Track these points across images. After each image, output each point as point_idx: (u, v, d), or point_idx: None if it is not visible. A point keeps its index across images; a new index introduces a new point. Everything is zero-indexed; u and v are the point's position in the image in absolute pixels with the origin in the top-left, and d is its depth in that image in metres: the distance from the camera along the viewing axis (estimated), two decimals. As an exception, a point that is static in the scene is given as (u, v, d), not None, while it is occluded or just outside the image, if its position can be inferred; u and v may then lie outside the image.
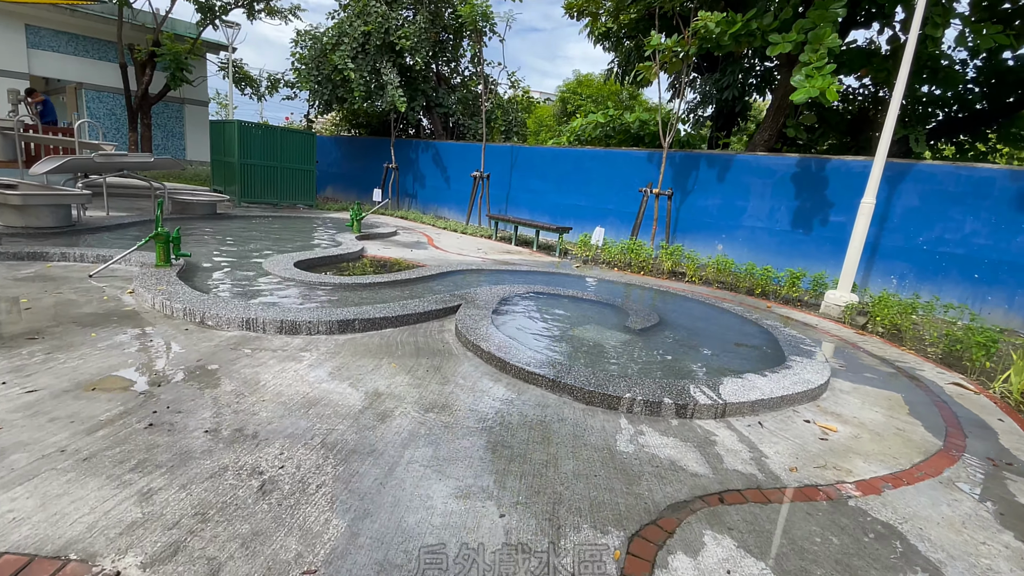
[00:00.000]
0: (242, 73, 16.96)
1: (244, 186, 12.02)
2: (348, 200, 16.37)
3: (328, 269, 6.47)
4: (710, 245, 9.58)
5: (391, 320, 4.37)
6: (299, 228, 9.88)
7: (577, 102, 20.42)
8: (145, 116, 15.15)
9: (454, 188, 14.17)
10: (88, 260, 5.56)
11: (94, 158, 7.49)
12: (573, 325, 4.94)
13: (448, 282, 6.25)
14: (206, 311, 4.01)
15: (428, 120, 16.51)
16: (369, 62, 13.23)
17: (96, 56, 15.90)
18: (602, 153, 11.02)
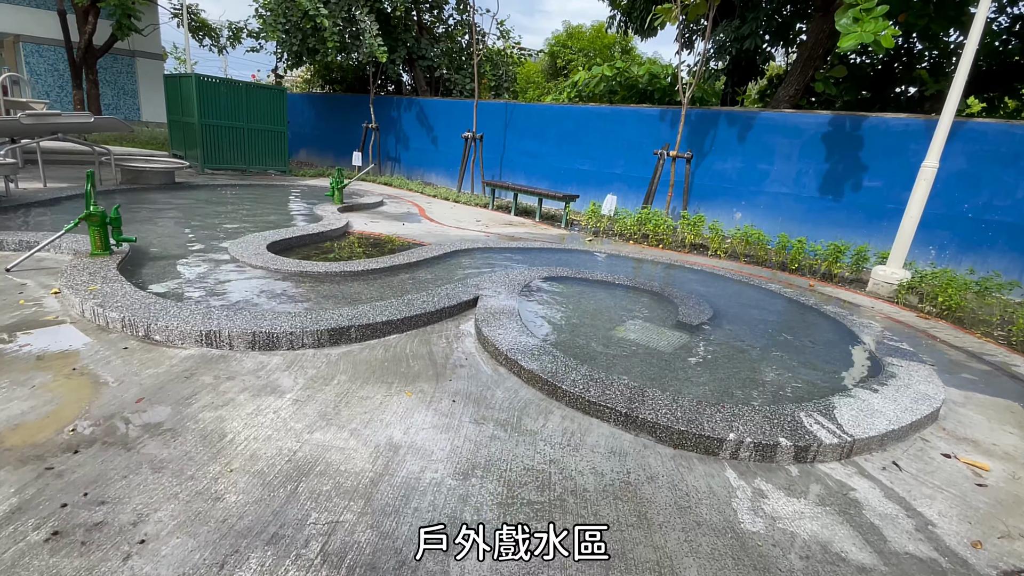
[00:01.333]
0: (199, 21, 15.12)
1: (206, 150, 10.66)
2: (324, 164, 15.03)
3: (309, 251, 5.46)
4: (727, 213, 8.77)
5: (396, 324, 3.46)
6: (271, 199, 8.72)
7: (568, 56, 19.00)
8: (90, 71, 13.39)
9: (442, 151, 12.97)
10: (8, 247, 4.47)
11: (20, 119, 6.20)
12: (614, 322, 4.11)
13: (453, 265, 5.32)
14: (152, 321, 3.04)
15: (410, 75, 15.07)
16: (343, 7, 11.71)
17: (32, 4, 13.87)
18: (608, 111, 9.96)
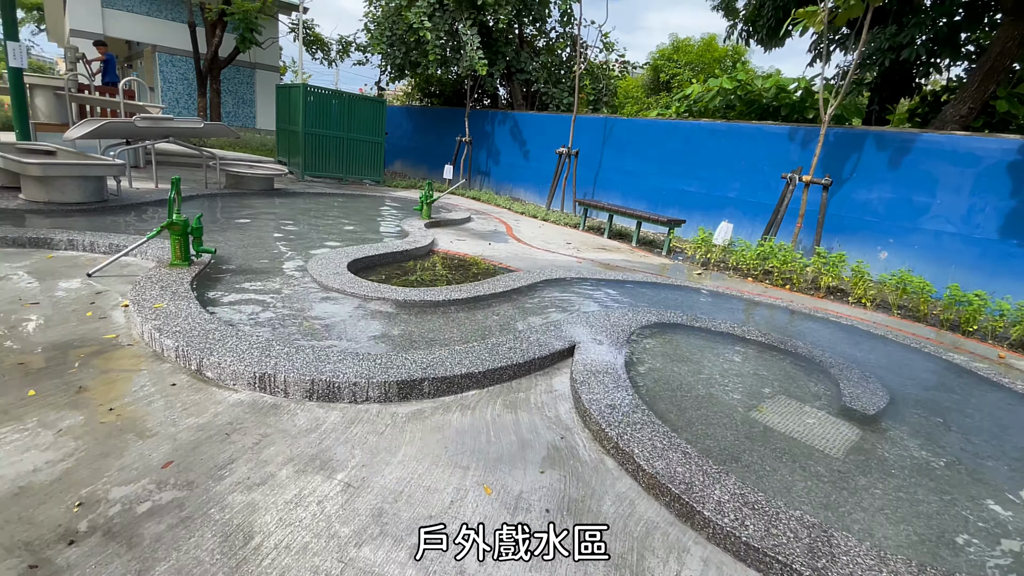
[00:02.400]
0: (313, 35, 15.93)
1: (308, 158, 10.93)
2: (417, 176, 15.11)
3: (391, 271, 5.04)
4: (870, 251, 7.35)
5: (477, 377, 2.83)
6: (362, 209, 8.61)
7: (673, 70, 17.88)
8: (214, 81, 14.47)
9: (533, 166, 12.46)
10: (98, 250, 4.43)
11: (135, 122, 6.44)
12: (753, 398, 3.20)
13: (543, 298, 4.64)
14: (206, 354, 2.64)
15: (506, 89, 14.80)
16: (447, 20, 11.65)
17: (169, 16, 15.37)
18: (724, 128, 8.88)
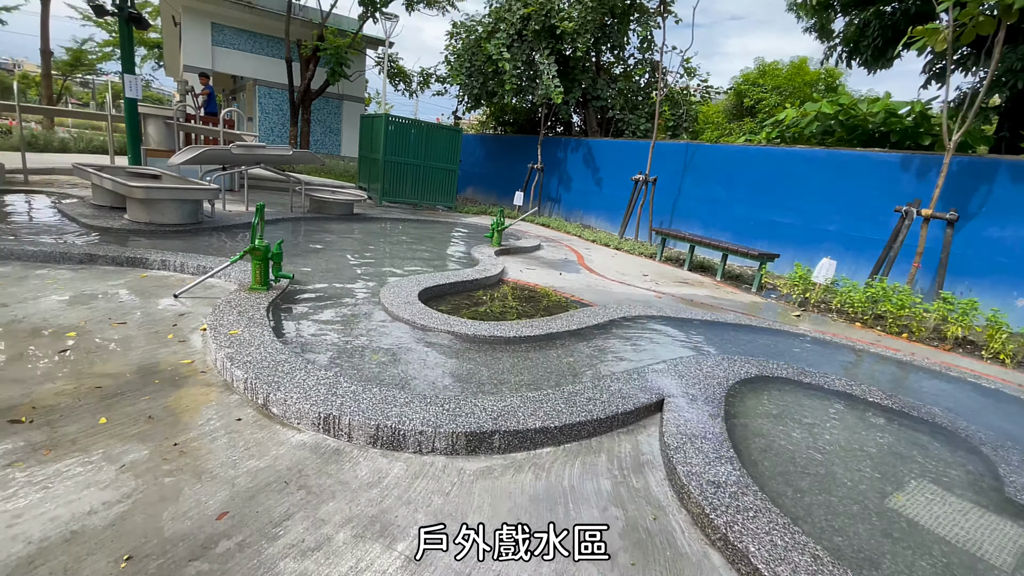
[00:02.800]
0: (396, 68, 16.72)
1: (386, 184, 11.28)
2: (487, 202, 15.22)
3: (461, 300, 4.88)
4: (1004, 298, 6.31)
5: (551, 433, 2.52)
6: (434, 235, 8.65)
7: (758, 95, 17.01)
8: (306, 111, 15.49)
9: (606, 193, 12.13)
10: (187, 270, 4.61)
11: (231, 149, 6.84)
12: (886, 478, 2.65)
13: (622, 337, 4.27)
14: (273, 389, 2.52)
15: (580, 116, 14.69)
16: (525, 50, 11.76)
17: (266, 52, 16.74)
18: (823, 155, 8.13)
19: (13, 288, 3.78)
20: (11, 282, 3.90)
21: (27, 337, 3.04)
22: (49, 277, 4.10)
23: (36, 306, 3.49)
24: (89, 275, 4.25)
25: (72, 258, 4.47)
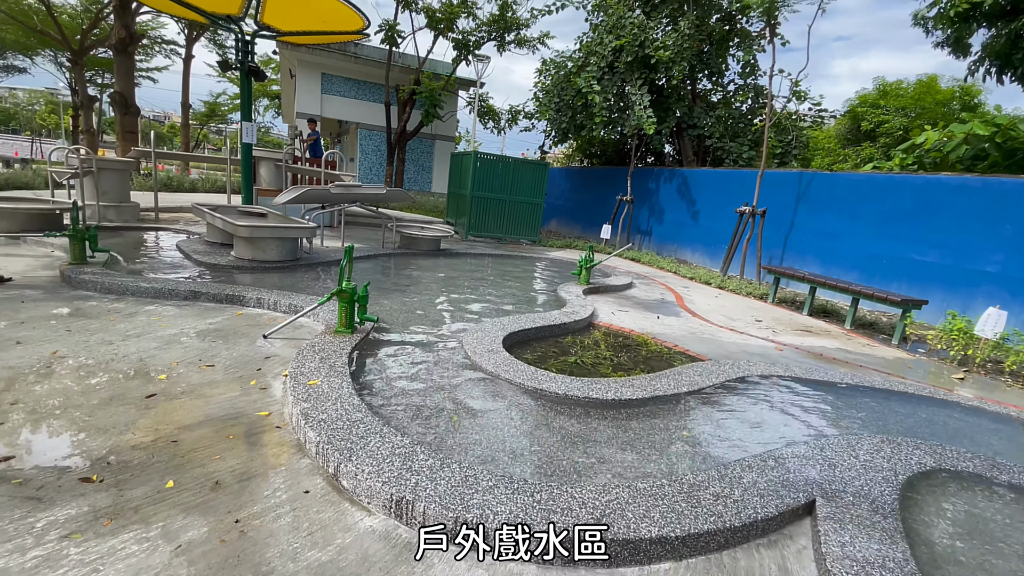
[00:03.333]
0: (486, 107, 17.15)
1: (472, 219, 11.34)
2: (571, 235, 14.86)
3: (548, 348, 4.45)
4: None
5: (671, 544, 1.97)
6: (518, 271, 8.37)
7: (879, 117, 15.29)
8: (401, 151, 16.26)
9: (703, 225, 11.27)
10: (280, 309, 4.62)
11: (330, 189, 7.08)
12: None
13: (744, 406, 3.59)
14: (345, 459, 2.23)
15: (674, 145, 14.01)
16: (616, 82, 11.47)
17: (368, 98, 17.96)
18: (977, 183, 6.85)
19: (122, 324, 3.93)
20: (122, 318, 4.08)
21: (123, 378, 3.05)
22: (156, 313, 4.26)
23: (137, 344, 3.57)
24: (191, 312, 4.38)
25: (178, 295, 4.66)
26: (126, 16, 13.71)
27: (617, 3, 11.73)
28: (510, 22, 15.09)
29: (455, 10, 14.64)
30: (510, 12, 15.22)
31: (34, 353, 3.26)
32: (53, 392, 2.81)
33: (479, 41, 15.41)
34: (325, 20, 8.22)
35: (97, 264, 5.20)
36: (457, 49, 15.43)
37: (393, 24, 14.68)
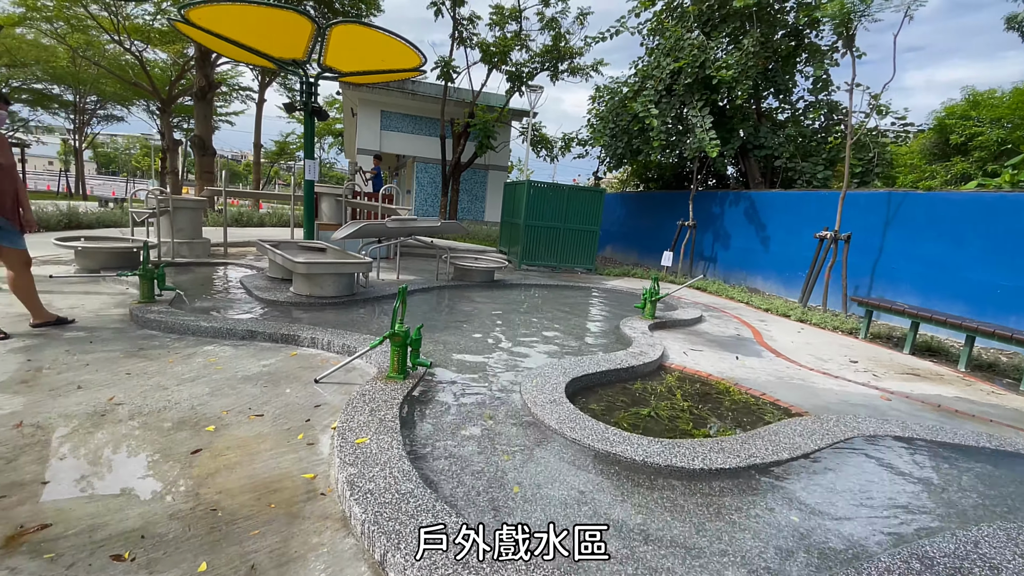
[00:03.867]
0: (539, 135, 17.14)
1: (526, 248, 11.12)
2: (628, 262, 14.32)
3: (614, 395, 4.02)
4: None
5: None
6: (575, 304, 7.98)
7: (971, 129, 13.89)
8: (455, 182, 16.45)
9: (775, 251, 10.47)
10: (333, 349, 4.48)
11: (386, 223, 7.06)
12: None
13: (863, 476, 3.00)
14: (392, 546, 1.92)
15: (738, 167, 13.31)
16: (674, 105, 11.06)
17: (424, 132, 18.47)
18: (1120, 200, 5.85)
19: (180, 366, 3.89)
20: (180, 359, 4.05)
21: (172, 429, 2.93)
22: (213, 354, 4.21)
23: (191, 390, 3.47)
24: (246, 352, 4.30)
25: (236, 334, 4.62)
26: (206, 67, 14.85)
27: (675, 25, 11.42)
28: (563, 52, 15.10)
29: (509, 43, 14.83)
30: (563, 42, 15.23)
31: (91, 399, 3.21)
32: (102, 446, 2.70)
33: (532, 72, 15.49)
34: (383, 59, 8.40)
35: (164, 302, 5.31)
36: (510, 81, 15.57)
37: (448, 60, 15.04)
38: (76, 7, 18.31)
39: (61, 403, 3.13)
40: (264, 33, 7.58)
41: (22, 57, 21.15)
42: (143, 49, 21.31)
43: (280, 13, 7.15)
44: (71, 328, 4.56)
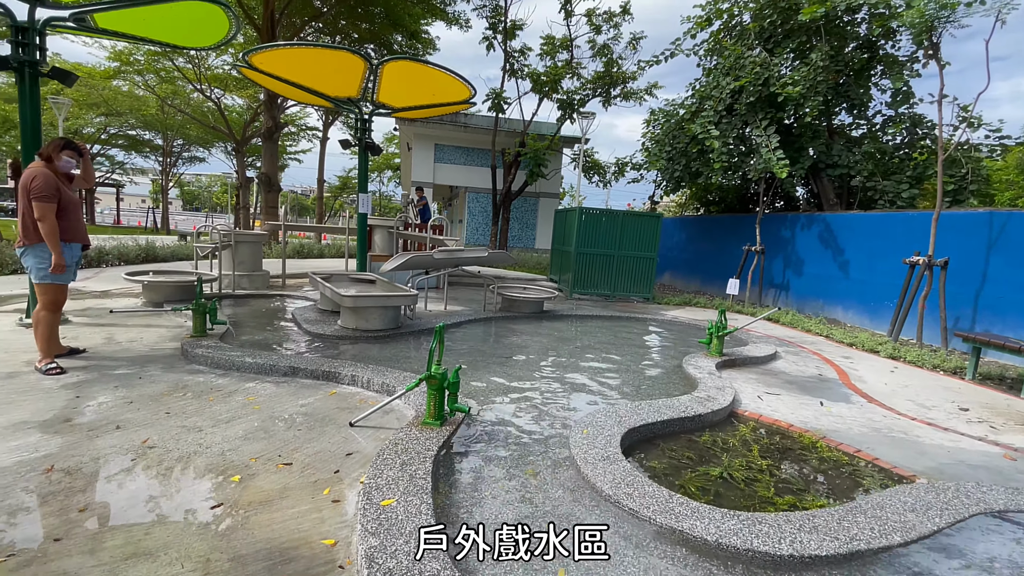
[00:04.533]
0: (591, 161, 16.88)
1: (577, 276, 10.74)
2: (688, 289, 13.56)
3: (679, 449, 3.53)
4: None
5: None
6: (632, 337, 7.47)
7: (1086, 138, 12.26)
8: (506, 211, 16.42)
9: (856, 278, 9.50)
10: (373, 388, 4.28)
11: (433, 255, 6.94)
12: None
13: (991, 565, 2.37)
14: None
15: (807, 187, 12.41)
16: (736, 125, 10.48)
17: (476, 163, 18.71)
18: None
19: (218, 406, 3.79)
20: (221, 398, 3.97)
21: (197, 478, 2.76)
22: (253, 392, 4.11)
23: (224, 432, 3.34)
24: (286, 391, 4.18)
25: (278, 370, 4.54)
26: (272, 109, 15.81)
27: (734, 44, 10.93)
28: (615, 77, 14.88)
29: (560, 72, 14.82)
30: (616, 67, 15.04)
31: (126, 441, 3.13)
32: (126, 498, 2.56)
33: (584, 99, 15.36)
34: (434, 93, 8.48)
35: (215, 336, 5.36)
36: (561, 109, 15.50)
37: (500, 92, 15.21)
38: (164, 60, 20.24)
39: (96, 445, 3.07)
40: (320, 73, 7.84)
41: (118, 107, 23.55)
42: (221, 96, 23.19)
43: (334, 53, 7.37)
44: (124, 363, 4.63)
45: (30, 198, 4.14)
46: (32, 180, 4.14)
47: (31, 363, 4.42)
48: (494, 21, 15.65)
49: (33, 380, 4.07)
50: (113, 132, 28.66)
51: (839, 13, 10.24)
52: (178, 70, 20.94)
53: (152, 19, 5.88)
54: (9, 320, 5.85)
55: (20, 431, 3.21)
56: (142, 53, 20.25)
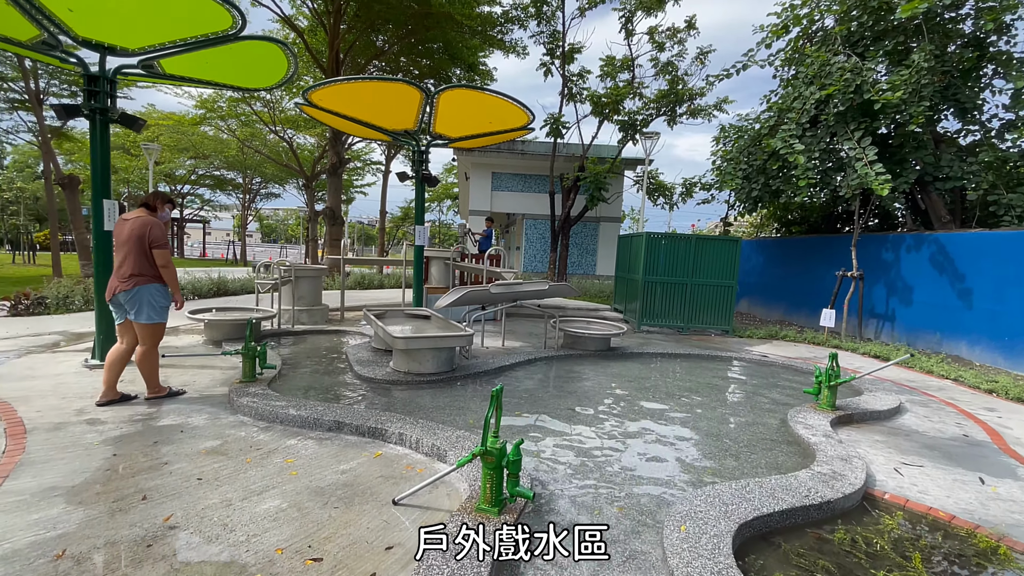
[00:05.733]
0: (656, 183, 16.04)
1: (645, 306, 9.90)
2: (770, 318, 12.28)
3: (808, 555, 2.70)
4: None
5: None
6: (718, 383, 6.55)
7: None
8: (565, 237, 15.83)
9: (984, 308, 8.05)
10: (422, 449, 3.76)
11: (490, 289, 6.46)
12: None
13: None
14: None
15: (909, 203, 10.94)
16: (821, 138, 9.42)
17: (533, 190, 18.35)
18: None
19: (254, 470, 3.40)
20: (259, 458, 3.59)
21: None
22: (293, 452, 3.71)
23: (254, 509, 2.91)
24: (327, 451, 3.75)
25: (323, 425, 4.14)
26: (337, 145, 16.32)
27: (816, 51, 9.93)
28: (681, 94, 14.11)
29: (621, 92, 14.25)
30: (681, 84, 14.29)
31: (148, 519, 2.77)
32: (121, 606, 2.14)
33: (647, 119, 14.66)
34: (491, 121, 8.15)
35: (264, 381, 5.09)
36: (623, 130, 14.87)
37: (558, 117, 14.84)
38: (243, 104, 21.70)
39: (116, 523, 2.72)
40: (377, 107, 7.73)
41: (204, 150, 25.50)
42: (293, 135, 24.54)
43: (391, 86, 7.22)
44: (171, 412, 4.40)
45: (150, 245, 4.30)
46: (150, 229, 4.31)
47: (82, 412, 4.30)
48: (552, 47, 15.41)
49: (77, 433, 3.89)
50: (201, 173, 31.13)
51: (939, 11, 9.05)
52: (256, 114, 22.39)
53: (216, 62, 5.92)
54: (76, 361, 5.90)
55: (46, 500, 2.94)
56: (224, 100, 21.86)
